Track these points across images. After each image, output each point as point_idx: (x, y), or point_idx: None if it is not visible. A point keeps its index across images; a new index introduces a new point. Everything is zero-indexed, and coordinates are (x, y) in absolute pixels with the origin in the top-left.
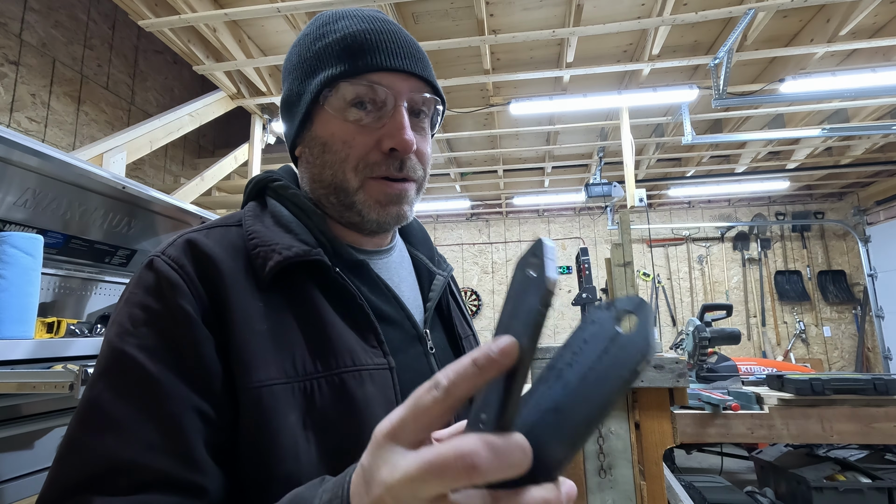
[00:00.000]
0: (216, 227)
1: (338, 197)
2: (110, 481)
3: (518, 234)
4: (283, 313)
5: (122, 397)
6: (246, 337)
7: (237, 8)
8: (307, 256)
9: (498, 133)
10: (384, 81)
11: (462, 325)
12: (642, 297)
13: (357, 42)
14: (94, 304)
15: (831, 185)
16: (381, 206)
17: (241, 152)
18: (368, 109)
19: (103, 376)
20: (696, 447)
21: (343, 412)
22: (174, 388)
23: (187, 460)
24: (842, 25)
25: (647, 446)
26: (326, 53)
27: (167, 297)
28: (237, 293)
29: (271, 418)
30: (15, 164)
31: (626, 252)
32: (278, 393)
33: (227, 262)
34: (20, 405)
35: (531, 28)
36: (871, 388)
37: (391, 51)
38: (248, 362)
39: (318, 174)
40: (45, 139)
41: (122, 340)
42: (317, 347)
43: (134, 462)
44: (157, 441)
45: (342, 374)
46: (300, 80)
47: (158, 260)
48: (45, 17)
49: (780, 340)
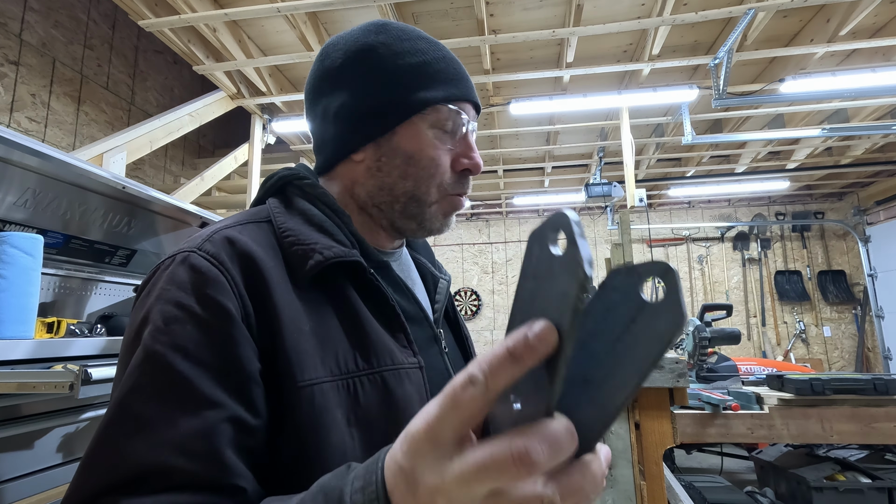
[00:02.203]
0: (248, 223)
1: (406, 206)
2: (139, 485)
3: (518, 234)
4: (324, 312)
5: (153, 398)
6: (294, 336)
7: (237, 8)
8: (347, 257)
9: (498, 133)
10: (471, 113)
11: (463, 325)
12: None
13: (452, 69)
14: (94, 304)
15: (831, 185)
16: (445, 217)
17: (241, 152)
18: (451, 132)
19: (134, 375)
20: (696, 447)
21: (385, 410)
22: (207, 390)
23: (218, 463)
24: (842, 25)
25: (647, 446)
26: (427, 73)
27: (206, 295)
28: (281, 292)
29: (323, 416)
30: (15, 164)
31: (626, 252)
32: (327, 391)
33: (267, 260)
34: (20, 405)
35: (531, 28)
36: (871, 388)
37: (471, 82)
38: (298, 361)
39: (391, 183)
40: (45, 139)
41: (154, 339)
42: (358, 346)
43: (163, 464)
44: (188, 443)
45: (383, 373)
46: (390, 90)
47: (195, 255)
48: (45, 17)
49: (780, 340)
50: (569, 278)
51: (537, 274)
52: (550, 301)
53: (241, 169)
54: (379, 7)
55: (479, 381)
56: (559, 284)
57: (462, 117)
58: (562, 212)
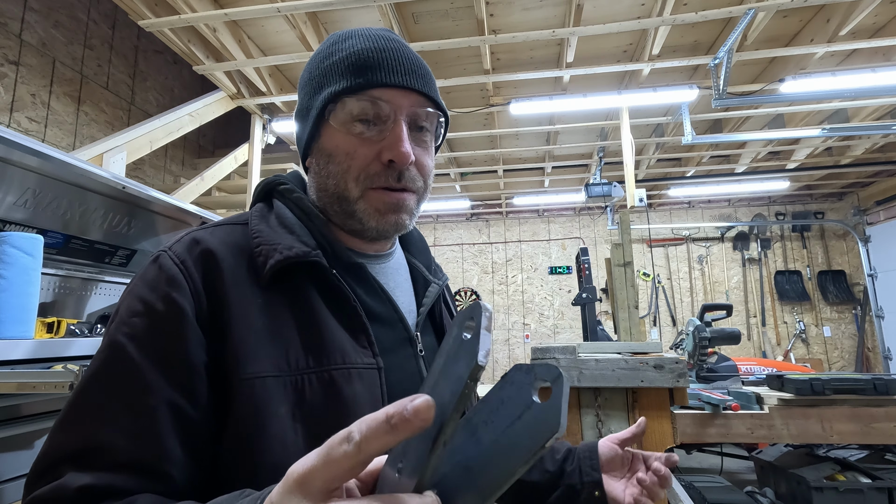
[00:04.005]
0: (223, 225)
1: (340, 205)
2: (87, 460)
3: (518, 234)
4: (281, 311)
5: (108, 384)
6: (242, 332)
7: (237, 8)
8: (306, 257)
9: (498, 133)
10: (385, 97)
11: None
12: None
13: (361, 60)
14: (94, 304)
15: (831, 185)
16: (381, 215)
17: (241, 152)
18: (371, 123)
19: (95, 361)
20: (696, 447)
21: (330, 407)
22: (154, 380)
23: (154, 446)
24: (842, 25)
25: (647, 446)
26: (333, 70)
27: (164, 292)
28: (236, 290)
29: (262, 409)
30: (15, 164)
31: (626, 252)
32: (270, 385)
33: (229, 259)
34: (20, 405)
35: (531, 28)
36: (871, 388)
37: (393, 68)
38: (243, 356)
39: (323, 184)
40: (45, 139)
41: (117, 329)
42: (310, 345)
43: (109, 445)
44: (132, 428)
45: (332, 371)
46: (309, 95)
47: (164, 255)
48: (45, 17)
49: (780, 340)
50: (466, 363)
51: (448, 353)
52: (449, 380)
53: (241, 169)
54: (379, 7)
55: (353, 441)
56: (459, 367)
57: (380, 105)
58: (478, 303)
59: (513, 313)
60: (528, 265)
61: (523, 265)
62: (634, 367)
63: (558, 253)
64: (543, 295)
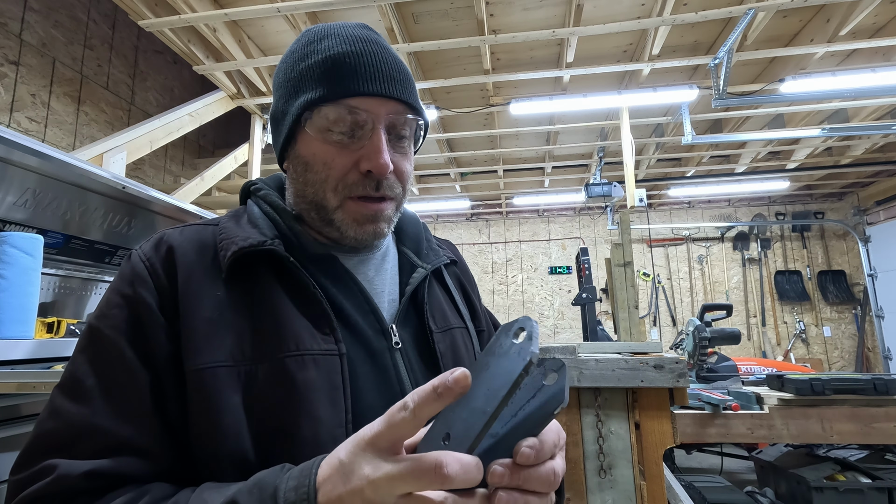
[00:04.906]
0: (195, 225)
1: (318, 213)
2: (78, 445)
3: (518, 234)
4: (239, 303)
5: (94, 371)
6: (194, 324)
7: (237, 8)
8: (261, 247)
9: (498, 133)
10: (363, 105)
11: (442, 317)
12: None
13: (337, 66)
14: (94, 304)
15: (831, 185)
16: (359, 225)
17: (241, 152)
18: (348, 132)
19: (82, 351)
20: (696, 447)
21: (283, 394)
22: (135, 365)
23: (143, 429)
24: (842, 25)
25: (647, 446)
26: (308, 75)
27: (134, 286)
28: (192, 284)
29: (214, 399)
30: (15, 164)
31: (626, 252)
32: (221, 375)
33: (191, 255)
34: (20, 405)
35: (531, 28)
36: (871, 388)
37: (370, 75)
38: (194, 347)
39: (300, 191)
40: (45, 139)
41: (99, 321)
42: (264, 334)
43: (100, 428)
44: (120, 411)
45: (284, 359)
46: (284, 98)
47: (135, 253)
48: (45, 17)
49: (780, 340)
50: (519, 360)
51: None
52: (498, 373)
53: (241, 169)
54: (379, 7)
55: (409, 408)
56: (510, 363)
57: (359, 114)
58: (528, 318)
59: (513, 313)
60: (528, 265)
61: (523, 265)
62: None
63: (558, 253)
64: (543, 295)
